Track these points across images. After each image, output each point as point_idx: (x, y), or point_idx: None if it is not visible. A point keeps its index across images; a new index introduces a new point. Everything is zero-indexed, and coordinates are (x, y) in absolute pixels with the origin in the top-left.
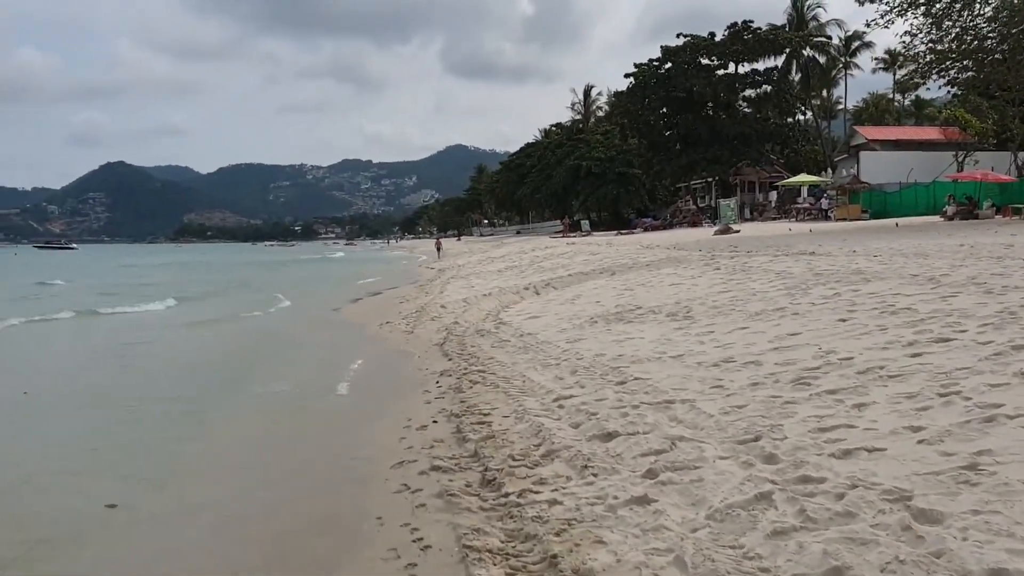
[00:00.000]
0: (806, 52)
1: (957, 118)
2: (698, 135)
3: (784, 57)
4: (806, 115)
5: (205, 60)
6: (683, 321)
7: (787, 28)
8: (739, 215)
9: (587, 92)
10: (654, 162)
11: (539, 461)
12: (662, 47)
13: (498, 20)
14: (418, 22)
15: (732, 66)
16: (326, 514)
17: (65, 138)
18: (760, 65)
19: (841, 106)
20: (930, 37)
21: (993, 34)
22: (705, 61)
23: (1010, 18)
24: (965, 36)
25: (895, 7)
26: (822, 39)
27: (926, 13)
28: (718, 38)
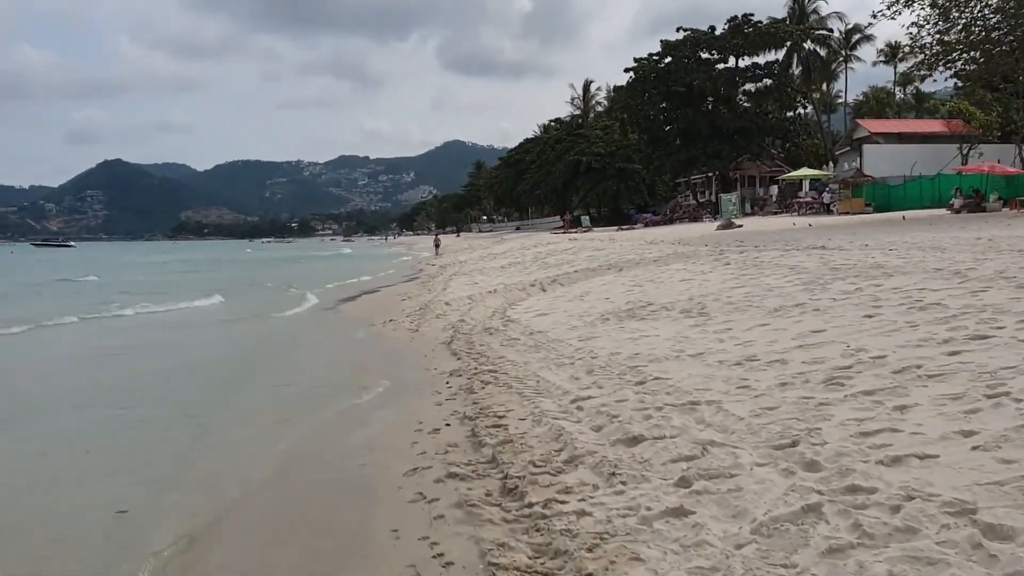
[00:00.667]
0: (807, 45)
1: (961, 111)
2: (698, 130)
3: (785, 51)
4: (806, 109)
5: (204, 57)
6: (698, 318)
7: (788, 21)
8: (740, 210)
9: (586, 87)
10: (654, 157)
11: (562, 468)
12: (662, 41)
13: (497, 16)
14: (417, 19)
15: (732, 60)
16: (337, 526)
17: (63, 136)
18: (760, 59)
19: (841, 100)
20: (937, 28)
21: (1002, 25)
22: (705, 55)
23: (1017, 9)
24: (972, 27)
25: None
26: (823, 32)
27: (933, 4)
28: (718, 32)
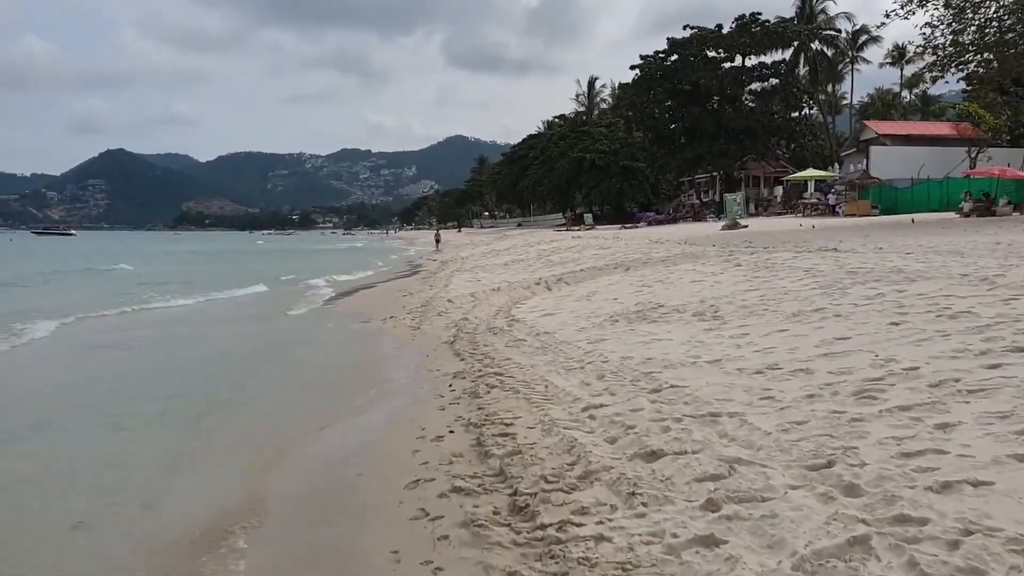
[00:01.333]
0: (815, 46)
1: (970, 113)
2: (704, 128)
3: (792, 50)
4: (812, 109)
5: (208, 50)
6: (712, 322)
7: (795, 21)
8: (745, 210)
9: (591, 84)
10: (659, 155)
11: (576, 484)
12: (668, 39)
13: (502, 13)
14: (422, 14)
15: (739, 59)
16: (329, 545)
17: (66, 126)
18: (767, 58)
19: (846, 101)
20: (952, 28)
21: (1017, 27)
22: (712, 54)
23: None
24: (987, 28)
25: None
26: (831, 32)
27: (947, 4)
28: (725, 30)
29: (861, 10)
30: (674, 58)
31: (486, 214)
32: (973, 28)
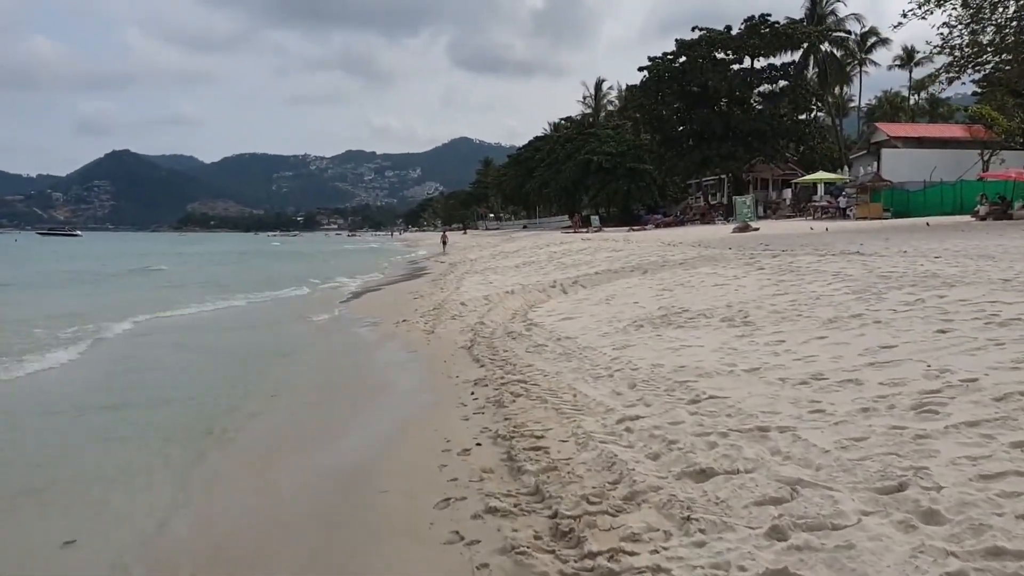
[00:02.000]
0: (824, 47)
1: (983, 116)
2: (712, 130)
3: (801, 52)
4: (820, 112)
5: (214, 51)
6: (743, 327)
7: (805, 22)
8: (754, 213)
9: (598, 86)
10: (667, 157)
11: (622, 506)
12: (676, 40)
13: (508, 14)
14: (428, 15)
15: (748, 61)
16: (355, 573)
17: (72, 126)
18: (776, 60)
19: (853, 104)
20: (971, 28)
21: None
22: (720, 55)
23: None
24: (1006, 28)
25: None
26: (841, 34)
27: (965, 4)
28: (734, 32)
29: (869, 11)
30: (682, 60)
31: (491, 216)
32: (992, 28)
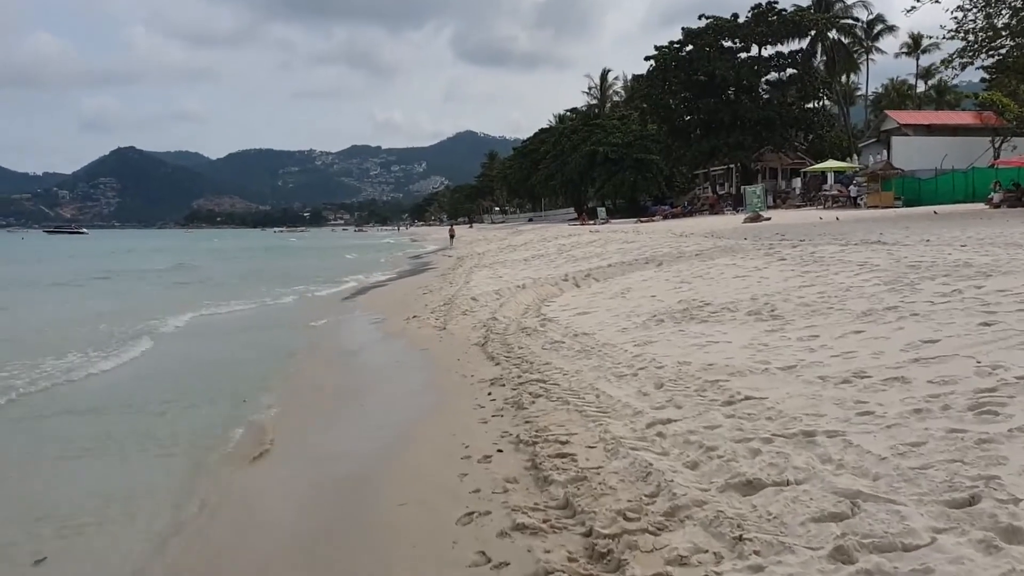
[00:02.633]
0: (832, 35)
1: (993, 102)
2: (720, 120)
3: (809, 40)
4: (828, 100)
5: (218, 46)
6: (772, 322)
7: (812, 10)
8: (764, 202)
9: (603, 76)
10: (674, 147)
11: (663, 523)
12: (683, 29)
13: (511, 6)
14: (432, 8)
15: (755, 49)
16: None
17: (77, 124)
18: (784, 48)
19: (860, 92)
20: (986, 12)
21: None
22: (728, 44)
23: None
24: (1022, 12)
25: None
26: (849, 21)
27: None
28: (741, 20)
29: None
30: (689, 48)
31: (496, 209)
32: (1007, 12)
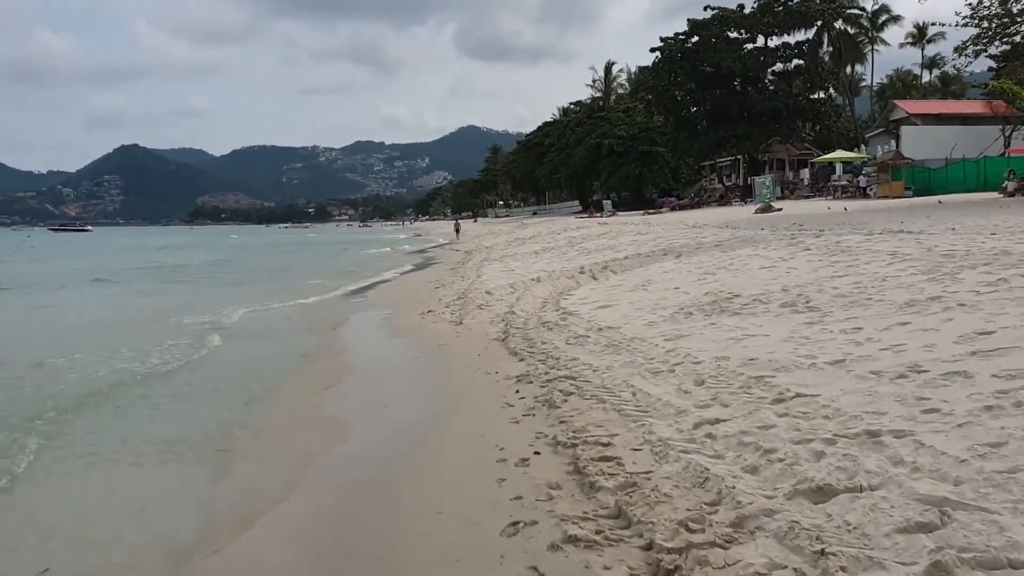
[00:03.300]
0: (838, 25)
1: (1004, 90)
2: (727, 111)
3: (815, 30)
4: (835, 91)
5: (222, 43)
6: (809, 313)
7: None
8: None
9: (608, 69)
10: (680, 139)
11: (732, 535)
12: (689, 20)
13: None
14: (435, 3)
15: (761, 39)
16: None
17: (81, 121)
18: (790, 38)
19: (864, 82)
20: None
21: None
22: (733, 34)
23: None
24: None
25: None
26: (855, 11)
27: None
28: (747, 10)
29: None
30: (695, 40)
31: (500, 203)
32: None
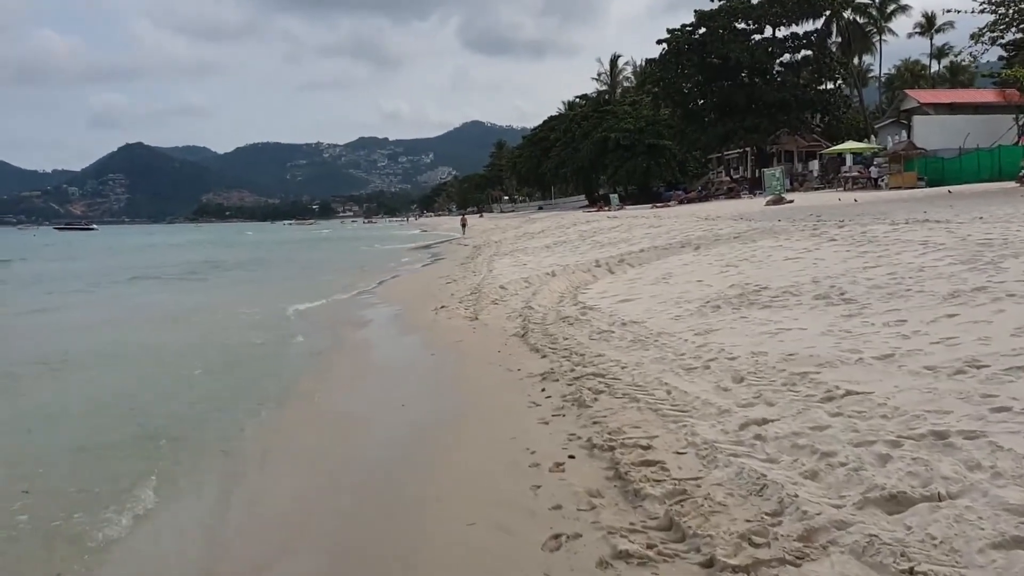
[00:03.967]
0: (847, 15)
1: (1018, 79)
2: (735, 103)
3: (823, 20)
4: (844, 81)
5: (223, 40)
6: (845, 306)
7: None
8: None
9: (614, 62)
10: (688, 132)
11: (801, 550)
12: (696, 11)
13: None
14: None
15: (769, 30)
16: None
17: (85, 120)
18: (799, 29)
19: (872, 73)
20: None
21: None
22: (741, 25)
23: None
24: None
25: None
26: (863, 0)
27: None
28: (755, 0)
29: None
30: (702, 31)
31: (506, 198)
32: None
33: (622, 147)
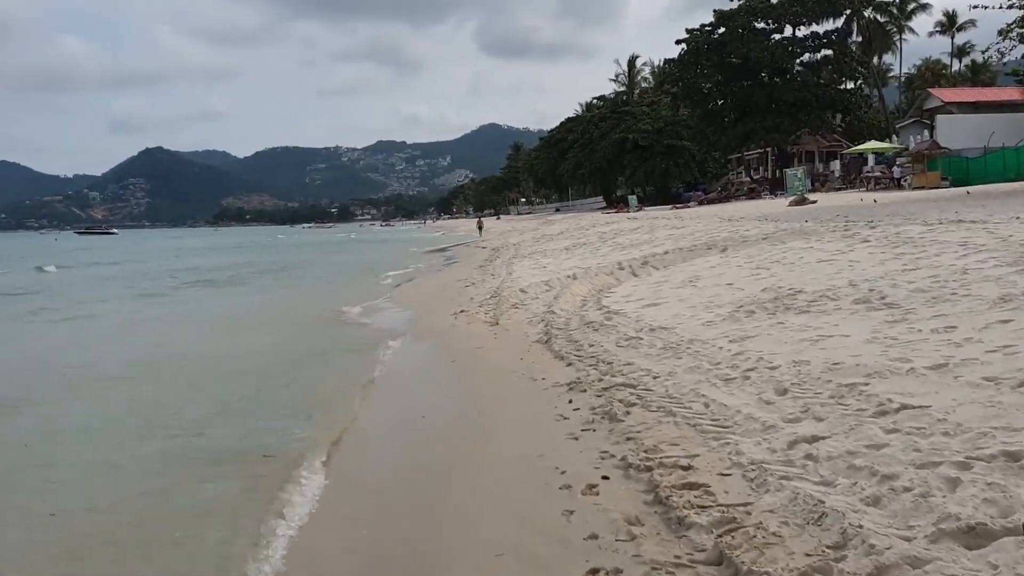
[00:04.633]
0: (867, 13)
1: None
2: (755, 103)
3: (843, 19)
4: (866, 80)
5: (242, 45)
6: (888, 311)
7: None
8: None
9: (631, 62)
10: (707, 133)
11: None
12: (715, 11)
13: None
14: (454, 1)
15: (789, 29)
16: None
17: (105, 125)
18: (819, 28)
19: (892, 72)
20: None
21: None
22: (760, 25)
23: None
24: None
25: None
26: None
27: None
28: (774, 0)
29: None
30: (722, 31)
31: (522, 200)
32: None
33: (640, 148)
